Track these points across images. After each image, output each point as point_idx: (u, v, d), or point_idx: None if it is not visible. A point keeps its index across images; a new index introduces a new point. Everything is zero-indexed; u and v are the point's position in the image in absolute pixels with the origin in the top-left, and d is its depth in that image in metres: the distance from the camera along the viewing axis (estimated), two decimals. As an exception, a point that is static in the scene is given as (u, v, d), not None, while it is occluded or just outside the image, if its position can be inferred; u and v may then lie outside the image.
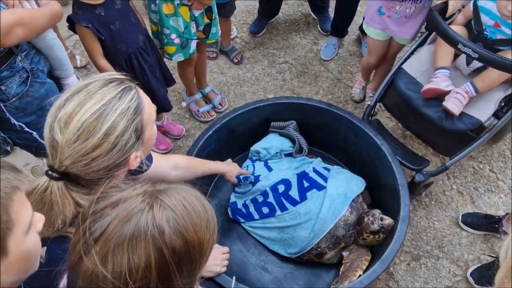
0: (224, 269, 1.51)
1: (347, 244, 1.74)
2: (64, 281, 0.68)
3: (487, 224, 1.95)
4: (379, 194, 1.91)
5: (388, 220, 1.62)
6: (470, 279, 1.85)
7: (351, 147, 2.02)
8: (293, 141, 2.03)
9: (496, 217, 1.95)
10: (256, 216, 1.86)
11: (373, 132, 1.87)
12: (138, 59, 1.81)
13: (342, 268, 1.70)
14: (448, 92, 1.72)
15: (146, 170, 1.09)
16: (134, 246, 0.59)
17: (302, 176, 1.85)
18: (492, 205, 2.10)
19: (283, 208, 1.79)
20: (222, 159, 2.08)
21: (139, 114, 0.88)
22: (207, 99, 2.51)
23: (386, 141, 1.85)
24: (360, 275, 1.57)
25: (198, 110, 2.45)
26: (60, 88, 1.63)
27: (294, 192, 1.80)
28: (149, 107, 0.94)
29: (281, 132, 2.04)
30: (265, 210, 1.84)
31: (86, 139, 0.82)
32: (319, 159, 2.01)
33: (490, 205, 2.11)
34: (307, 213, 1.74)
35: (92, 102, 0.83)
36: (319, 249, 1.72)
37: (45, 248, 0.81)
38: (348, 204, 1.74)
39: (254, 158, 2.04)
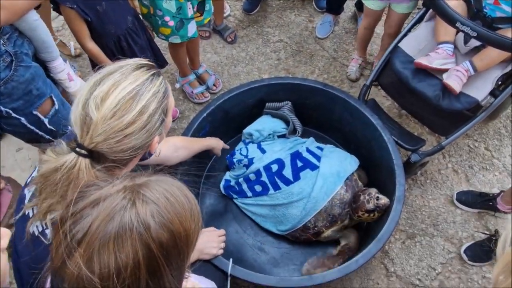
0: (221, 251, 1.52)
1: (343, 222, 1.74)
2: (49, 282, 0.67)
3: (481, 202, 1.97)
4: (374, 174, 1.91)
5: (383, 200, 1.62)
6: (464, 256, 1.88)
7: (347, 127, 2.01)
8: (286, 122, 2.02)
9: (491, 195, 1.97)
10: (249, 194, 1.87)
11: (369, 112, 1.86)
12: (127, 41, 1.76)
13: (319, 256, 1.78)
14: (442, 70, 1.70)
15: (149, 157, 1.11)
16: (121, 244, 0.57)
17: (296, 156, 1.84)
18: (487, 183, 2.12)
19: (276, 187, 1.80)
20: (217, 141, 2.08)
21: (166, 98, 0.95)
22: (201, 80, 2.47)
23: (382, 121, 1.84)
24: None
25: (192, 92, 2.42)
26: (46, 71, 1.58)
27: (287, 172, 1.80)
28: (171, 93, 1.00)
29: (275, 113, 2.02)
30: (258, 188, 1.85)
31: (122, 115, 0.85)
32: (311, 138, 2.00)
33: (484, 183, 2.12)
34: (299, 192, 1.74)
35: (127, 82, 0.88)
36: (316, 228, 1.73)
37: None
38: (341, 183, 1.74)
39: (247, 140, 2.03)
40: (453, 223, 2.00)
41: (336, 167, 1.78)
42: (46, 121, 1.52)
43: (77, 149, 0.85)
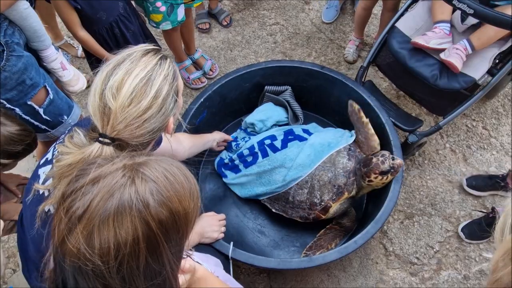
0: (222, 235, 1.54)
1: (350, 192, 1.67)
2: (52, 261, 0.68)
3: (492, 185, 1.96)
4: (372, 156, 1.92)
5: (399, 160, 1.58)
6: (461, 234, 1.91)
7: (345, 110, 1.99)
8: (286, 109, 2.01)
9: (500, 176, 1.96)
10: (241, 167, 1.89)
11: (366, 94, 1.85)
12: (119, 27, 1.74)
13: (315, 240, 1.76)
14: (438, 50, 1.69)
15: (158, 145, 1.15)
16: (120, 221, 0.59)
17: (289, 132, 1.86)
18: (484, 162, 2.13)
19: (265, 155, 1.82)
20: (215, 127, 2.07)
21: (176, 80, 0.98)
22: (197, 65, 2.45)
23: (380, 102, 1.83)
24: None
25: (188, 77, 2.40)
26: (39, 60, 1.56)
27: (277, 142, 1.83)
28: (179, 76, 1.02)
29: (276, 100, 2.01)
30: (249, 158, 1.87)
31: (139, 101, 0.89)
32: (313, 124, 2.00)
33: (482, 162, 2.13)
34: (283, 159, 1.76)
35: (138, 69, 0.91)
36: (323, 203, 1.68)
37: None
38: (331, 152, 1.70)
39: (248, 129, 2.02)
40: (450, 202, 2.02)
41: (328, 139, 1.77)
42: (41, 111, 1.51)
43: (101, 138, 0.88)
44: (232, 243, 1.53)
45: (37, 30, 1.50)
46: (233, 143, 1.97)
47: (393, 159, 1.59)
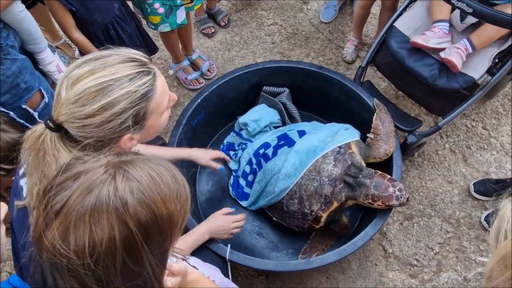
0: (231, 236, 1.51)
1: (340, 201, 1.60)
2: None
3: (500, 189, 1.93)
4: (371, 157, 1.90)
5: (408, 199, 1.52)
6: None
7: (344, 110, 1.99)
8: (280, 112, 1.99)
9: (508, 180, 1.94)
10: (247, 190, 1.87)
11: (365, 94, 1.84)
12: (115, 29, 1.73)
13: (309, 242, 1.74)
14: (437, 49, 1.67)
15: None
16: (97, 218, 0.57)
17: (281, 137, 1.84)
18: (484, 163, 2.11)
19: (260, 167, 1.81)
20: (213, 128, 2.07)
21: (145, 101, 0.87)
22: (194, 66, 2.44)
23: (379, 103, 1.82)
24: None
25: (186, 78, 2.39)
26: (35, 63, 1.55)
27: (270, 150, 1.81)
28: (162, 97, 0.91)
29: (271, 101, 2.00)
30: (250, 178, 1.86)
31: (83, 105, 0.82)
32: (314, 122, 1.97)
33: (482, 162, 2.11)
34: (272, 169, 1.73)
35: (104, 73, 0.83)
36: (313, 214, 1.64)
37: None
38: (315, 158, 1.64)
39: (242, 132, 2.00)
40: (450, 203, 2.01)
41: (315, 142, 1.70)
42: (36, 114, 1.50)
43: (48, 121, 0.85)
44: (229, 245, 1.51)
45: (33, 32, 1.49)
46: (232, 153, 1.96)
47: (407, 199, 1.50)
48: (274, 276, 1.84)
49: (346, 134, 1.71)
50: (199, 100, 1.85)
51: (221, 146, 2.04)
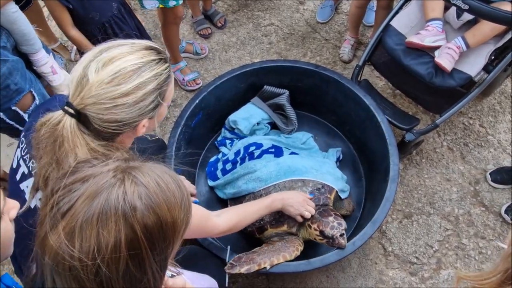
0: (299, 218, 1.46)
1: (290, 228, 1.56)
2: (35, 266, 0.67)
3: None
4: (369, 155, 1.91)
5: (343, 242, 1.43)
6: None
7: (341, 109, 1.99)
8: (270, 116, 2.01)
9: None
10: (220, 175, 1.87)
11: (362, 93, 1.84)
12: (112, 28, 1.74)
13: (248, 252, 1.48)
14: (433, 47, 1.68)
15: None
16: (104, 221, 0.57)
17: (275, 146, 1.85)
18: (482, 160, 2.12)
19: (242, 162, 1.82)
20: (211, 128, 2.06)
21: (166, 85, 0.95)
22: (187, 51, 2.48)
23: (376, 101, 1.82)
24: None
25: (183, 79, 2.39)
26: (29, 63, 1.54)
27: (258, 151, 1.82)
28: (172, 84, 1.00)
29: (261, 105, 1.99)
30: (228, 166, 1.86)
31: (119, 83, 0.86)
32: (316, 149, 1.95)
33: (480, 159, 2.12)
34: (251, 167, 1.74)
35: (134, 56, 0.89)
36: (262, 222, 1.60)
37: None
38: (291, 177, 1.63)
39: (235, 130, 2.00)
40: (449, 200, 2.01)
41: (298, 164, 1.68)
42: (25, 116, 1.49)
43: (66, 107, 0.86)
44: (229, 246, 1.51)
45: (26, 34, 1.48)
46: (228, 141, 1.96)
47: (342, 235, 1.42)
48: (275, 276, 1.84)
49: (331, 179, 1.68)
50: (197, 101, 1.85)
51: (218, 140, 2.04)
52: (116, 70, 0.86)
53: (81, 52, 1.85)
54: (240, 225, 1.32)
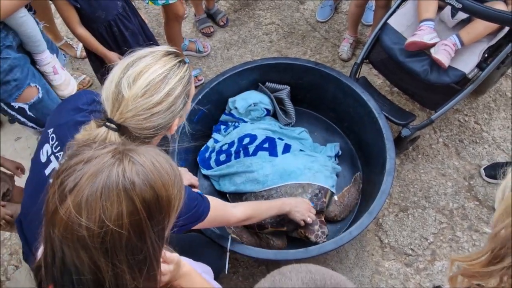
0: (302, 223, 1.61)
1: (288, 232, 1.74)
2: (42, 248, 0.72)
3: None
4: (367, 150, 1.97)
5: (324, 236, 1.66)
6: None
7: (340, 106, 2.05)
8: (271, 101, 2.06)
9: None
10: (213, 165, 1.93)
11: (360, 89, 1.90)
12: (118, 26, 1.79)
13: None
14: (431, 45, 1.74)
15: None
16: (107, 194, 0.64)
17: (269, 139, 1.89)
18: (477, 156, 2.17)
19: (237, 156, 1.87)
20: (213, 123, 2.12)
21: (190, 84, 1.04)
22: (190, 49, 2.54)
23: (373, 98, 1.88)
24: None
25: (186, 76, 2.45)
26: (33, 60, 1.59)
27: (252, 146, 1.87)
28: (193, 83, 1.07)
29: (263, 91, 2.05)
30: (223, 157, 1.92)
31: (151, 95, 0.94)
32: (309, 143, 2.01)
33: (474, 155, 2.18)
34: (247, 166, 1.81)
35: (158, 65, 0.97)
36: (263, 221, 1.71)
37: None
38: (287, 181, 1.74)
39: (231, 111, 2.05)
40: (444, 195, 2.07)
41: (292, 166, 1.77)
42: (26, 107, 1.55)
43: (107, 123, 0.93)
44: (230, 235, 1.57)
45: (31, 36, 1.55)
46: (223, 127, 2.02)
47: (324, 240, 1.65)
48: (274, 265, 1.88)
49: (322, 178, 1.80)
50: (199, 97, 1.91)
51: (216, 125, 2.10)
52: (147, 82, 0.94)
53: (87, 49, 1.91)
54: (254, 218, 1.45)
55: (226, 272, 1.49)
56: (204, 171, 1.97)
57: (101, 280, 0.65)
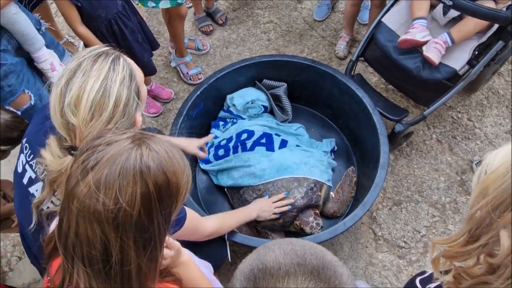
0: (274, 216, 1.70)
1: (284, 225, 1.78)
2: (55, 222, 0.77)
3: None
4: (361, 145, 2.02)
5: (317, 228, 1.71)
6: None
7: (336, 103, 2.09)
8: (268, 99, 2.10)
9: None
10: (212, 160, 1.98)
11: (355, 86, 1.95)
12: (118, 25, 1.83)
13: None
14: (423, 43, 1.79)
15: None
16: (124, 175, 0.70)
17: (266, 135, 1.94)
18: (469, 152, 2.23)
19: (235, 151, 1.92)
20: (211, 119, 2.17)
21: (134, 79, 0.97)
22: (189, 47, 2.58)
23: (368, 94, 1.93)
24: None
25: (187, 73, 2.50)
26: (31, 60, 1.62)
27: (250, 141, 1.92)
28: (137, 68, 1.01)
29: (261, 89, 2.10)
30: (221, 152, 1.96)
31: (100, 114, 0.90)
32: (306, 138, 2.06)
33: (467, 151, 2.23)
34: (245, 161, 1.85)
35: (92, 80, 0.90)
36: None
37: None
38: (283, 175, 1.78)
39: (229, 108, 2.10)
40: (437, 189, 2.12)
41: (288, 161, 1.81)
42: (19, 113, 1.56)
43: (73, 152, 0.91)
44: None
45: (25, 35, 1.55)
46: (221, 123, 2.06)
47: (317, 231, 1.70)
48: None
49: (318, 172, 1.83)
50: (198, 93, 1.96)
51: (215, 121, 2.14)
52: (90, 105, 0.88)
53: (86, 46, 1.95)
54: (222, 230, 1.50)
55: (229, 259, 1.55)
56: (203, 166, 2.01)
57: (109, 254, 0.70)
